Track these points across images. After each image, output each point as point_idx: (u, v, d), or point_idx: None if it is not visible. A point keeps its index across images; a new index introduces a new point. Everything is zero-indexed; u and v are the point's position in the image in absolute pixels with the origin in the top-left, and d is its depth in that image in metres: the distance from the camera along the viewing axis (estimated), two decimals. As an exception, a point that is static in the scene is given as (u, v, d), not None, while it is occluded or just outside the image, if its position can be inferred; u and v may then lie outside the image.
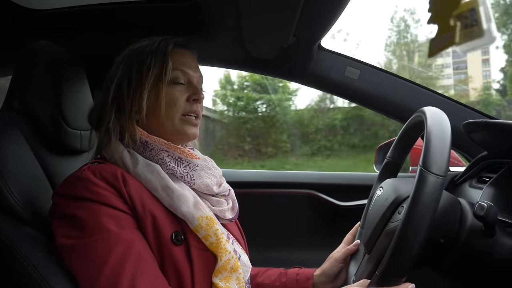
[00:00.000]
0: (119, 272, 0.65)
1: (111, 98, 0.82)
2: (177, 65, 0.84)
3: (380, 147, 1.65)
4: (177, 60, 0.84)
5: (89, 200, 0.70)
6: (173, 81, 0.83)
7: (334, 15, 1.04)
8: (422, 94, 1.35)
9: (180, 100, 0.83)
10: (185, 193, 0.78)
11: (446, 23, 0.40)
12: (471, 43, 0.40)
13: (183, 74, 0.85)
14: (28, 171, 0.83)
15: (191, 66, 0.87)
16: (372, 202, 0.91)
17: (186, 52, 0.88)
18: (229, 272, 0.77)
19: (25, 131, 0.86)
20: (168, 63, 0.82)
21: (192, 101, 0.85)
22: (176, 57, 0.84)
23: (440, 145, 0.65)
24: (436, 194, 0.62)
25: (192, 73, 0.86)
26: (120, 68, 0.84)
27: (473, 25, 0.39)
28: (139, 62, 0.82)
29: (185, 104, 0.84)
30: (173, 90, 0.83)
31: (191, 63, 0.87)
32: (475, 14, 0.39)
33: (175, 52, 0.85)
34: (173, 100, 0.83)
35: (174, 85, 0.84)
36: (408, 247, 0.63)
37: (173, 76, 0.83)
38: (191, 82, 0.86)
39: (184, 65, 0.85)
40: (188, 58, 0.87)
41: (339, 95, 1.46)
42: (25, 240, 0.73)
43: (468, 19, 0.39)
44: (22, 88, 0.92)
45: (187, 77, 0.86)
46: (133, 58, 0.83)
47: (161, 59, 0.82)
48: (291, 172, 1.82)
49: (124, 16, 1.07)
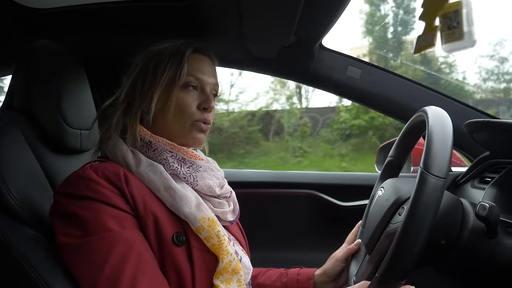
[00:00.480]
0: (119, 272, 0.65)
1: (123, 94, 0.83)
2: (192, 71, 0.83)
3: (381, 147, 1.65)
4: (193, 66, 0.84)
5: (91, 199, 0.70)
6: (186, 86, 0.83)
7: (335, 14, 1.04)
8: (424, 93, 1.34)
9: (190, 107, 0.83)
10: (187, 194, 0.77)
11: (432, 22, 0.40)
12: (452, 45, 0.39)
13: (197, 80, 0.84)
14: (28, 170, 0.83)
15: (207, 72, 0.86)
16: (373, 202, 0.91)
17: (205, 58, 0.88)
18: (230, 274, 0.77)
19: (25, 130, 0.86)
20: (183, 67, 0.81)
21: (202, 109, 0.84)
22: (193, 62, 0.84)
23: (441, 146, 0.65)
24: (436, 196, 0.62)
25: (207, 79, 0.85)
26: (137, 67, 0.84)
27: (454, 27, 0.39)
28: (156, 63, 0.82)
29: (196, 111, 0.83)
30: (184, 95, 0.83)
31: (207, 69, 0.87)
32: (457, 16, 0.39)
33: (193, 57, 0.85)
34: (182, 105, 0.82)
35: (186, 90, 0.83)
36: (408, 250, 0.62)
37: (186, 81, 0.83)
38: (203, 89, 0.85)
39: (200, 71, 0.85)
40: (205, 64, 0.87)
41: (340, 94, 1.45)
42: (23, 240, 0.72)
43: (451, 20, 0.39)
44: (22, 87, 0.92)
45: (201, 84, 0.85)
46: (151, 59, 0.83)
47: (178, 62, 0.81)
48: (292, 172, 1.81)
49: (124, 15, 1.06)
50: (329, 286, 0.95)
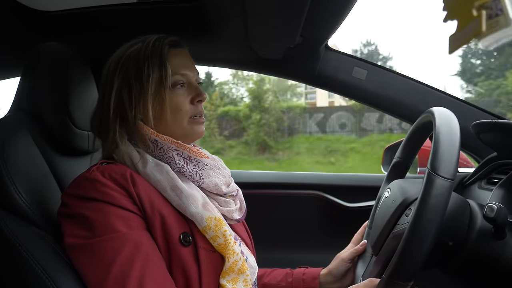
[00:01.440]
0: (127, 273, 0.65)
1: (112, 107, 0.80)
2: (176, 69, 0.83)
3: (387, 148, 1.64)
4: (175, 63, 0.83)
5: (98, 201, 0.70)
6: (175, 85, 0.83)
7: (341, 14, 1.04)
8: (430, 94, 1.33)
9: (184, 104, 0.83)
10: (194, 193, 0.77)
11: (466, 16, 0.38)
12: (497, 35, 0.37)
13: (183, 76, 0.84)
14: (36, 172, 0.84)
15: (188, 65, 0.86)
16: (379, 203, 0.90)
17: (182, 51, 0.87)
18: (236, 273, 0.77)
19: (33, 132, 0.87)
20: (167, 68, 0.80)
21: (196, 103, 0.84)
22: (173, 59, 0.83)
23: (448, 147, 0.64)
24: (444, 198, 0.62)
25: (191, 73, 0.86)
26: (116, 74, 0.81)
27: (498, 14, 0.37)
28: (137, 68, 0.80)
29: (191, 107, 0.84)
30: (176, 95, 0.82)
31: (187, 62, 0.86)
32: (499, 3, 0.37)
33: (171, 53, 0.83)
34: (178, 105, 0.82)
35: (176, 89, 0.83)
36: (416, 252, 0.62)
37: (174, 81, 0.82)
38: (191, 83, 0.85)
39: (183, 67, 0.84)
40: (184, 58, 0.86)
41: (346, 95, 1.45)
42: (32, 240, 0.73)
43: (491, 9, 0.37)
44: (30, 89, 0.92)
45: (187, 79, 0.85)
46: (129, 64, 0.81)
47: (159, 64, 0.80)
48: (298, 173, 1.81)
49: (130, 17, 1.07)
50: (334, 286, 0.95)
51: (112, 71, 0.82)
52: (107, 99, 0.81)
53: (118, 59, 0.83)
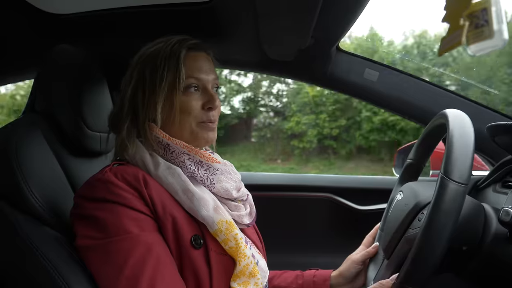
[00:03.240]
0: (139, 274, 0.66)
1: (127, 104, 0.81)
2: (191, 72, 0.82)
3: (399, 151, 1.63)
4: (191, 66, 0.82)
5: (111, 202, 0.70)
6: (187, 88, 0.82)
7: (352, 16, 1.03)
8: (443, 96, 1.32)
9: (195, 109, 0.82)
10: (205, 197, 0.77)
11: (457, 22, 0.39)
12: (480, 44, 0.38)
13: (198, 80, 0.83)
14: (49, 172, 0.84)
15: (205, 70, 0.84)
16: (392, 206, 0.90)
17: (201, 55, 0.85)
18: (247, 277, 0.76)
19: (47, 133, 0.88)
20: (181, 71, 0.79)
21: (207, 109, 0.83)
22: (190, 63, 0.82)
23: (462, 150, 0.63)
24: (457, 203, 0.61)
25: (206, 77, 0.84)
26: (135, 71, 0.82)
27: (483, 25, 0.38)
28: (153, 69, 0.80)
29: (200, 113, 0.82)
30: (187, 99, 0.81)
31: (205, 67, 0.84)
32: (486, 14, 0.37)
33: (189, 57, 0.82)
34: (187, 109, 0.81)
35: (188, 93, 0.82)
36: (428, 257, 0.61)
37: (187, 84, 0.81)
38: (205, 88, 0.84)
39: (198, 71, 0.83)
40: (202, 62, 0.84)
41: (357, 97, 1.44)
42: (45, 240, 0.74)
43: (478, 18, 0.38)
44: (44, 90, 0.94)
45: (202, 83, 0.83)
46: (147, 63, 0.81)
47: (174, 66, 0.79)
48: (309, 175, 1.81)
49: (142, 19, 1.08)
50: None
51: (133, 68, 0.83)
52: (124, 96, 0.82)
53: (140, 57, 0.83)
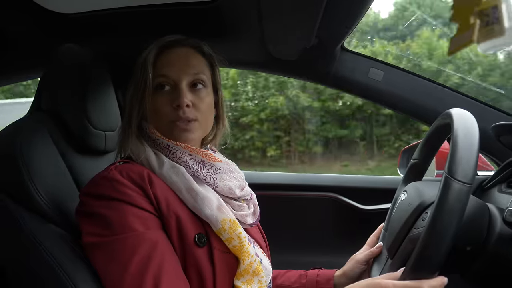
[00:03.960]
0: (144, 271, 0.66)
1: (127, 107, 0.85)
2: (160, 70, 0.82)
3: (404, 150, 1.62)
4: (161, 64, 0.82)
5: (116, 200, 0.71)
6: (158, 88, 0.82)
7: (357, 15, 1.03)
8: (448, 95, 1.31)
9: (163, 108, 0.81)
10: (209, 196, 0.78)
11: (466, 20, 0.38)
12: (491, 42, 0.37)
13: (166, 78, 0.82)
14: (55, 170, 0.85)
15: (177, 64, 0.82)
16: (396, 206, 0.89)
17: (177, 51, 0.84)
18: (251, 275, 0.77)
19: (52, 132, 0.88)
20: (147, 71, 0.80)
21: (176, 107, 0.80)
22: (161, 61, 0.82)
23: (467, 150, 0.63)
24: (461, 203, 0.60)
25: (177, 73, 0.82)
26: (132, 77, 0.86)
27: (493, 23, 0.37)
28: (135, 71, 0.84)
29: (170, 111, 0.81)
30: (156, 98, 0.82)
31: (179, 62, 0.83)
32: (497, 12, 0.37)
33: (162, 55, 0.83)
34: (156, 109, 0.82)
35: (158, 92, 0.82)
36: (432, 257, 0.61)
37: (157, 83, 0.82)
38: (176, 85, 0.82)
39: (167, 68, 0.82)
40: (175, 58, 0.83)
41: (362, 96, 1.43)
42: (50, 238, 0.74)
43: (489, 16, 0.37)
44: (50, 89, 0.94)
45: (172, 80, 0.82)
46: (136, 66, 0.84)
47: (143, 67, 0.81)
48: (313, 174, 1.80)
49: (147, 19, 1.08)
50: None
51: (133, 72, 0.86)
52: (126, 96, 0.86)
53: None
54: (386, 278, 0.70)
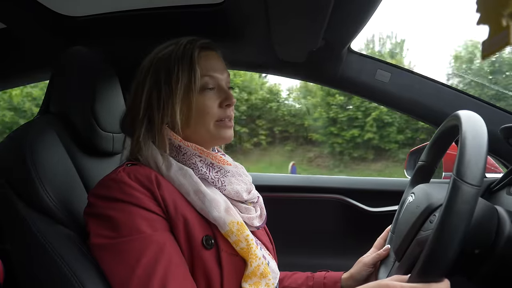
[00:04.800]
0: (151, 273, 0.66)
1: (142, 109, 0.81)
2: (205, 71, 0.82)
3: (411, 152, 1.61)
4: (204, 65, 0.82)
5: (124, 202, 0.71)
6: (203, 88, 0.82)
7: (364, 17, 1.03)
8: (456, 97, 1.30)
9: (212, 108, 0.82)
10: (216, 198, 0.78)
11: (498, 23, 0.37)
12: None
13: (212, 79, 0.83)
14: (63, 172, 0.86)
15: (219, 68, 0.85)
16: (403, 208, 0.89)
17: (212, 54, 0.86)
18: (258, 277, 0.77)
19: (61, 134, 0.89)
20: (196, 71, 0.80)
21: (225, 106, 0.83)
22: (203, 62, 0.82)
23: (475, 152, 0.62)
24: (470, 205, 0.60)
25: (220, 76, 0.85)
26: (148, 76, 0.82)
27: None
28: (167, 71, 0.80)
29: (218, 111, 0.83)
30: (204, 98, 0.82)
31: (218, 65, 0.85)
32: None
33: (201, 56, 0.83)
34: (205, 108, 0.81)
35: (204, 92, 0.82)
36: (440, 260, 0.60)
37: (203, 83, 0.81)
38: (220, 86, 0.84)
39: (212, 70, 0.83)
40: (215, 61, 0.85)
41: (369, 98, 1.43)
42: (59, 239, 0.75)
43: None
44: (58, 92, 0.95)
45: (216, 82, 0.84)
46: (160, 66, 0.81)
47: (189, 67, 0.80)
48: (319, 176, 1.80)
49: (154, 21, 1.09)
50: None
51: (145, 72, 0.83)
52: (138, 100, 0.82)
53: (151, 60, 0.83)
54: (394, 280, 0.69)
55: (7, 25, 1.14)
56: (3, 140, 0.83)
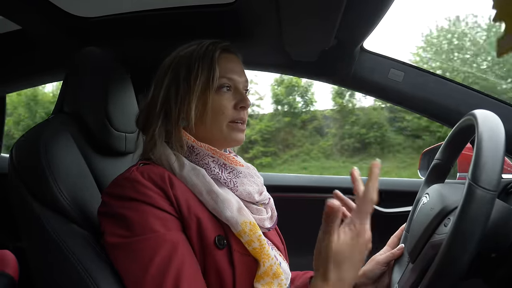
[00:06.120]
0: (164, 272, 0.66)
1: (159, 103, 0.82)
2: (224, 72, 0.83)
3: (425, 153, 1.59)
4: (223, 66, 0.84)
5: (137, 201, 0.71)
6: (220, 88, 0.83)
7: (377, 16, 1.01)
8: (471, 96, 1.27)
9: (227, 108, 0.83)
10: (229, 198, 0.78)
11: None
12: None
13: (230, 80, 0.84)
14: (77, 172, 0.87)
15: (237, 71, 0.86)
16: (417, 208, 0.88)
17: (232, 56, 0.88)
18: (271, 278, 0.76)
19: (74, 134, 0.90)
20: (215, 70, 0.81)
21: (240, 108, 0.84)
22: (223, 63, 0.84)
23: (491, 155, 0.61)
24: (485, 210, 0.58)
25: (238, 78, 0.86)
26: (168, 72, 0.84)
27: None
28: (187, 69, 0.82)
29: (233, 112, 0.84)
30: (220, 98, 0.83)
31: (237, 68, 0.87)
32: None
33: (222, 58, 0.85)
34: (220, 108, 0.82)
35: (221, 92, 0.83)
36: (453, 265, 0.59)
37: (220, 84, 0.83)
38: (237, 89, 0.86)
39: (231, 71, 0.85)
40: (235, 64, 0.87)
41: (382, 98, 1.41)
42: (73, 237, 0.76)
43: None
44: (71, 92, 0.96)
45: (234, 84, 0.85)
46: (181, 63, 0.83)
47: (208, 66, 0.81)
48: (332, 176, 1.79)
49: (167, 21, 1.09)
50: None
51: (165, 69, 0.85)
52: (156, 95, 0.84)
53: (172, 59, 0.85)
54: None
55: (22, 27, 1.15)
56: (18, 140, 0.84)
